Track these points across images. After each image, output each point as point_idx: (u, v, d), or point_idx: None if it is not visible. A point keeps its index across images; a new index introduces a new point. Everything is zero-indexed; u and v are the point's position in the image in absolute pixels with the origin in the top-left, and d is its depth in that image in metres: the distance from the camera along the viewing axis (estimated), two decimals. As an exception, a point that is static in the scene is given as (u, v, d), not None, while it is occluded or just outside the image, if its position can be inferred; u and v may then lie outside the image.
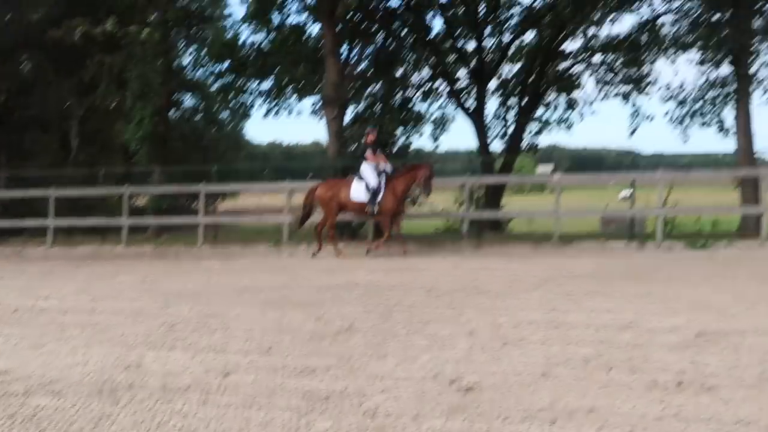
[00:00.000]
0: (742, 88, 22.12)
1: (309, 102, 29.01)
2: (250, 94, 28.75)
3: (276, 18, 26.09)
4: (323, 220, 17.38)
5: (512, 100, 30.50)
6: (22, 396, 6.38)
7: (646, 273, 12.80)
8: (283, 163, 53.02)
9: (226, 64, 27.34)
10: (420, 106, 28.73)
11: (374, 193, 16.44)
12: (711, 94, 25.77)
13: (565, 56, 29.72)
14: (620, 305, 9.69)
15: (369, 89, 26.15)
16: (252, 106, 29.29)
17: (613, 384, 6.26)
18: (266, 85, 28.20)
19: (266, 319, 9.42)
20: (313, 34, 25.95)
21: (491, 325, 8.65)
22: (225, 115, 39.90)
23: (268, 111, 28.90)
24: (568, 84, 30.39)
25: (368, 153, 16.71)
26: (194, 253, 19.31)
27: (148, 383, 6.65)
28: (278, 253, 18.40)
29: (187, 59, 34.55)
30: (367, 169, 16.62)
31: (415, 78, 29.37)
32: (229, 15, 47.84)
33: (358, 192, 16.63)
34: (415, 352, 7.47)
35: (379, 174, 16.55)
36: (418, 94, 29.20)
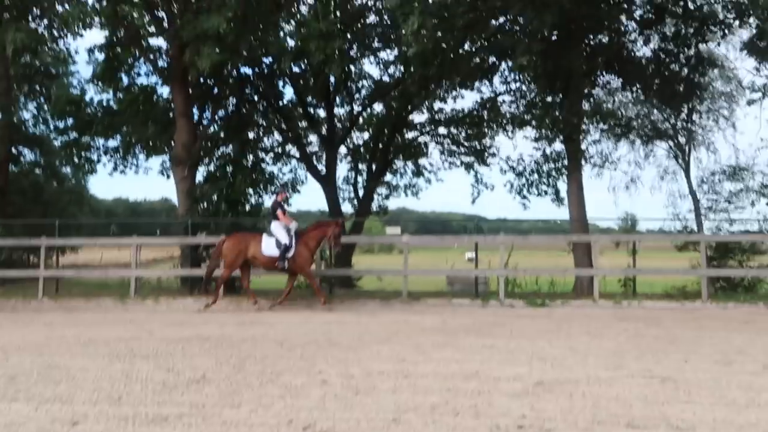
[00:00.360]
0: (573, 162, 23.72)
1: (158, 160, 28.63)
2: (97, 149, 28.16)
3: (125, 78, 25.83)
4: (224, 274, 17.49)
5: (362, 166, 31.34)
6: None
7: (490, 328, 13.40)
8: (128, 219, 51.38)
9: (70, 120, 26.67)
10: (272, 168, 29.02)
11: (285, 249, 16.76)
12: (546, 167, 27.48)
13: (412, 127, 30.92)
14: (466, 356, 10.13)
15: (221, 150, 26.18)
16: (98, 162, 28.60)
17: (459, 428, 6.58)
18: (113, 143, 27.79)
19: (114, 370, 9.21)
20: (164, 95, 25.79)
21: (343, 376, 8.84)
22: (68, 170, 38.76)
23: (115, 168, 28.37)
24: (415, 152, 31.57)
25: (279, 211, 17.09)
26: (34, 306, 18.48)
27: (-10, 433, 6.40)
28: (124, 307, 17.90)
29: (28, 114, 33.51)
30: (277, 226, 16.94)
31: (267, 141, 29.74)
32: (76, 72, 46.55)
33: (268, 247, 16.85)
34: (268, 400, 7.55)
35: (288, 231, 16.89)
36: (268, 156, 29.52)
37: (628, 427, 6.55)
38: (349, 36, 24.07)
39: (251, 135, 27.81)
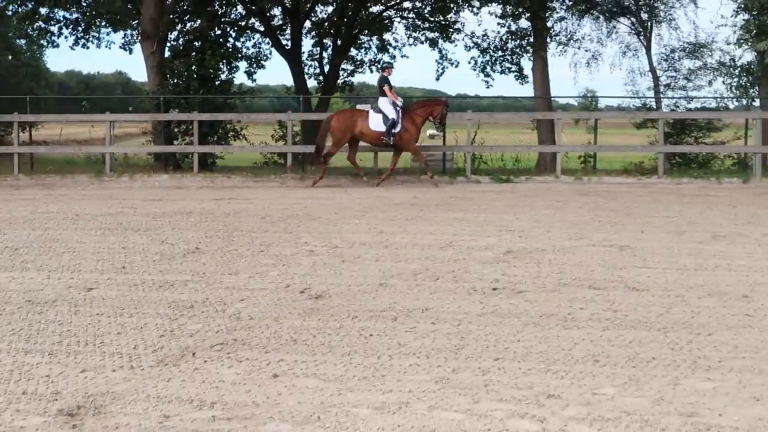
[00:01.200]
0: (538, 40, 24.03)
1: (119, 35, 28.31)
2: (57, 22, 27.73)
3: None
4: (331, 149, 17.90)
5: (327, 41, 31.24)
6: None
7: (459, 202, 14.14)
8: (98, 95, 50.59)
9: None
10: (236, 43, 28.84)
11: (392, 124, 17.05)
12: (511, 44, 27.73)
13: (377, 0, 30.68)
14: (439, 229, 10.86)
15: (187, 25, 25.95)
16: (59, 35, 28.21)
17: (440, 290, 7.31)
18: (73, 15, 27.36)
19: (110, 243, 9.78)
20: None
21: (328, 246, 9.52)
22: (22, 43, 38.05)
23: (76, 42, 28.05)
24: (380, 27, 31.45)
25: (386, 87, 17.28)
26: (10, 182, 18.73)
27: (13, 299, 6.98)
28: (101, 184, 18.29)
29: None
30: (384, 102, 17.20)
31: (231, 14, 29.36)
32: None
33: (375, 123, 17.15)
34: (263, 269, 8.21)
35: (395, 107, 17.16)
36: (232, 30, 29.23)
37: (590, 289, 7.34)
38: None
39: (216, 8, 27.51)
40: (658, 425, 4.19)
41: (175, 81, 21.94)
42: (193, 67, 22.09)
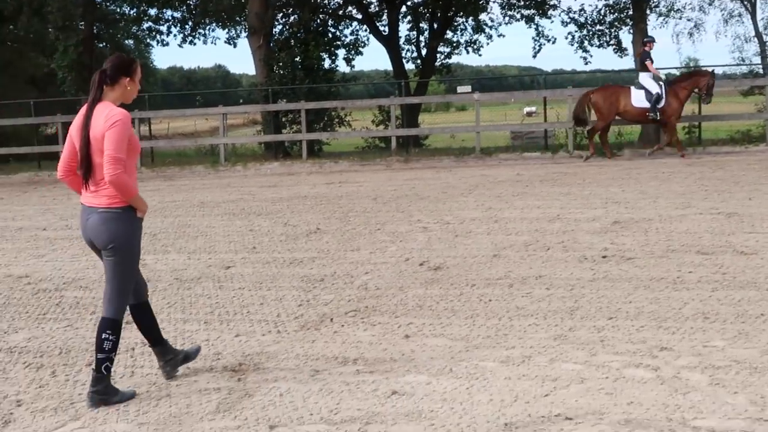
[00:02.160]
0: (638, 12, 23.79)
1: (224, 31, 29.57)
2: (166, 21, 29.12)
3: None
4: (597, 126, 17.73)
5: (424, 25, 31.67)
6: (55, 291, 7.41)
7: (563, 177, 14.40)
8: (211, 90, 52.39)
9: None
10: (335, 32, 29.58)
11: (657, 99, 16.84)
12: (610, 17, 27.49)
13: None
14: (546, 203, 11.21)
15: (290, 18, 26.80)
16: (168, 34, 29.61)
17: (552, 259, 7.71)
18: (178, 14, 28.69)
19: (237, 226, 10.54)
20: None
21: (440, 222, 10.02)
22: (130, 42, 39.87)
23: (184, 39, 29.40)
24: (475, 8, 31.63)
25: (647, 62, 17.11)
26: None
27: (162, 277, 7.76)
28: (216, 174, 19.27)
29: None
30: (646, 77, 17.06)
31: (332, 4, 30.14)
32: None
33: (638, 99, 17.01)
34: (382, 245, 8.78)
35: (657, 81, 17.04)
36: (331, 20, 30.01)
37: (698, 254, 7.60)
38: None
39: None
40: (766, 372, 4.52)
41: (282, 72, 22.78)
42: (298, 58, 22.88)
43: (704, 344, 5.04)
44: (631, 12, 24.95)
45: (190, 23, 29.05)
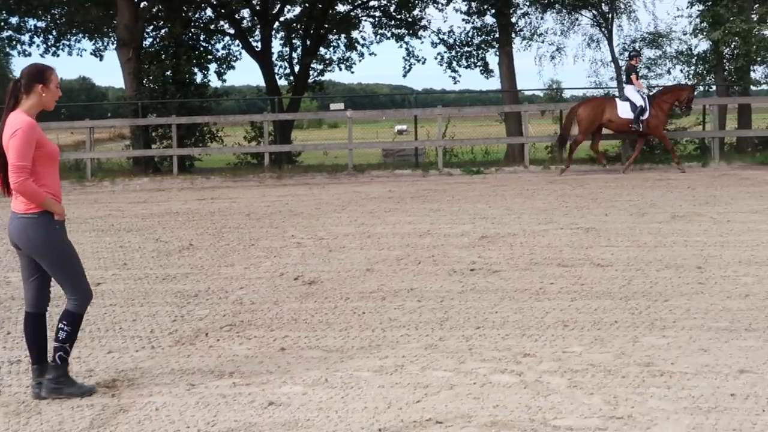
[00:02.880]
0: (503, 35, 24.77)
1: (89, 42, 28.73)
2: (28, 31, 28.04)
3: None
4: (578, 138, 18.23)
5: (297, 41, 31.81)
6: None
7: (433, 194, 14.81)
8: (76, 102, 50.44)
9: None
10: (204, 45, 29.26)
11: (641, 111, 17.53)
12: (477, 39, 28.44)
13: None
14: (417, 219, 11.53)
15: (161, 31, 26.34)
16: (31, 44, 28.50)
17: (423, 273, 7.97)
18: (42, 24, 27.70)
19: (107, 242, 10.32)
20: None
21: (314, 238, 10.14)
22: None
23: (47, 50, 28.39)
24: (347, 26, 32.04)
25: (633, 76, 17.87)
26: None
27: (28, 295, 7.51)
28: (83, 189, 18.69)
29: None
30: (631, 90, 17.77)
31: (199, 17, 29.78)
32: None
33: (623, 110, 17.63)
34: (256, 260, 8.82)
35: (642, 95, 17.73)
36: (203, 34, 29.65)
37: (559, 266, 8.04)
38: None
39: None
40: (619, 373, 4.87)
41: (152, 86, 22.37)
42: (169, 72, 22.53)
43: (564, 350, 5.37)
44: (497, 35, 25.92)
45: (54, 33, 28.08)
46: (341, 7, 31.62)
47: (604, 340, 5.56)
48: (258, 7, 29.85)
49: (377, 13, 32.08)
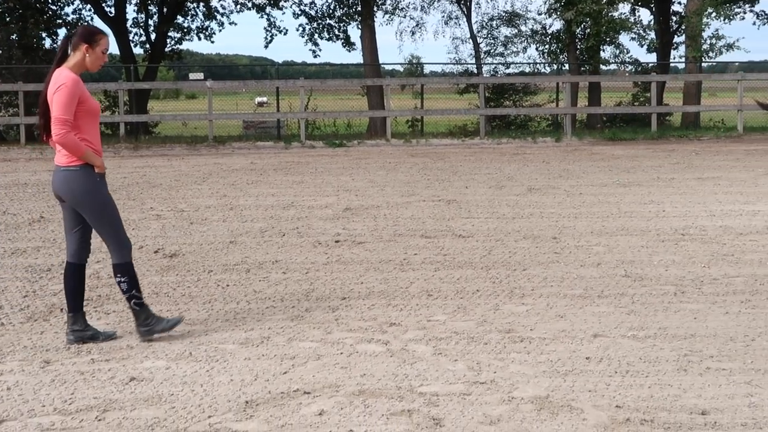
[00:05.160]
0: (365, 8, 24.78)
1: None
2: None
3: None
4: None
5: (153, 8, 30.66)
6: None
7: (296, 166, 14.71)
8: None
9: None
10: (56, 10, 27.80)
11: None
12: (338, 12, 28.34)
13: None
14: (280, 191, 11.43)
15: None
16: None
17: (287, 245, 7.91)
18: None
19: (-52, 216, 9.68)
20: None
21: (174, 210, 9.88)
22: None
23: None
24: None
25: None
26: None
27: None
28: None
29: None
30: None
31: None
32: None
33: None
34: (113, 233, 8.48)
35: None
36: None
37: (422, 237, 8.17)
38: None
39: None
40: (482, 340, 5.00)
41: None
42: (14, 36, 21.26)
43: (428, 319, 5.46)
44: (359, 8, 25.91)
45: None
46: (200, -27, 30.70)
47: (466, 309, 5.69)
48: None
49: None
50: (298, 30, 29.03)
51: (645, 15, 34.03)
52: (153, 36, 30.26)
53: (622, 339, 5.00)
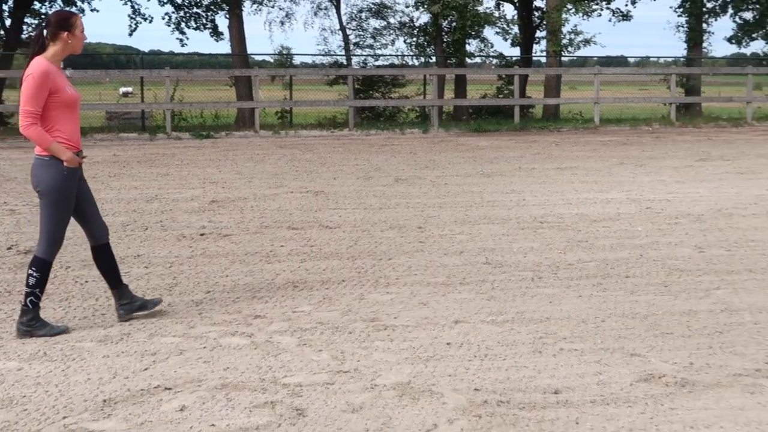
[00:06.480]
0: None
1: None
2: None
3: None
4: None
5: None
6: None
7: (161, 158, 14.36)
8: None
9: None
10: None
11: None
12: (206, 1, 27.79)
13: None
14: (144, 183, 11.14)
15: None
16: None
17: (150, 239, 7.73)
18: None
19: None
20: None
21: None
22: None
23: None
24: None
25: None
26: None
27: None
28: None
29: None
30: None
31: None
32: None
33: None
34: (-38, 229, 8.06)
35: None
36: None
37: (289, 229, 8.15)
38: None
39: None
40: (346, 329, 5.05)
41: None
42: None
43: (293, 310, 5.47)
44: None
45: None
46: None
47: (332, 299, 5.73)
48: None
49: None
50: (164, 18, 28.31)
51: (509, 10, 35.20)
52: (8, 22, 28.84)
53: (481, 324, 5.16)
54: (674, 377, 4.26)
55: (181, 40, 28.42)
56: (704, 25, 28.73)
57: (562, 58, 26.55)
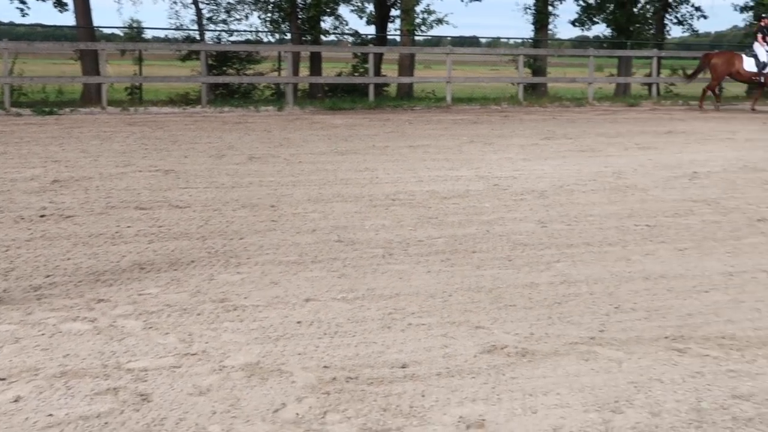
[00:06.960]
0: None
1: None
2: None
3: None
4: (711, 84, 22.45)
5: None
6: None
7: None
8: None
9: None
10: None
11: (764, 66, 21.50)
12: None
13: None
14: (-21, 163, 10.49)
15: None
16: None
17: (-15, 221, 7.29)
18: None
19: None
20: None
21: None
22: None
23: None
24: None
25: (760, 35, 21.69)
26: None
27: None
28: None
29: None
30: (758, 48, 21.63)
31: None
32: None
33: (749, 65, 21.54)
34: None
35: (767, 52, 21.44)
36: None
37: (137, 209, 7.89)
38: None
39: None
40: (195, 311, 4.95)
41: None
42: None
43: (139, 293, 5.31)
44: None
45: None
46: None
47: (180, 280, 5.60)
48: None
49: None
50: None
51: (363, -12, 35.16)
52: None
53: (332, 302, 5.18)
54: (515, 347, 4.43)
55: (21, 10, 26.89)
56: (550, 8, 29.84)
57: (416, 38, 26.93)
